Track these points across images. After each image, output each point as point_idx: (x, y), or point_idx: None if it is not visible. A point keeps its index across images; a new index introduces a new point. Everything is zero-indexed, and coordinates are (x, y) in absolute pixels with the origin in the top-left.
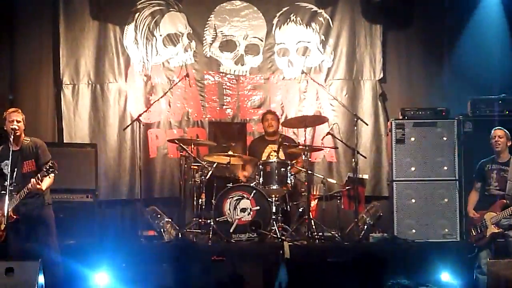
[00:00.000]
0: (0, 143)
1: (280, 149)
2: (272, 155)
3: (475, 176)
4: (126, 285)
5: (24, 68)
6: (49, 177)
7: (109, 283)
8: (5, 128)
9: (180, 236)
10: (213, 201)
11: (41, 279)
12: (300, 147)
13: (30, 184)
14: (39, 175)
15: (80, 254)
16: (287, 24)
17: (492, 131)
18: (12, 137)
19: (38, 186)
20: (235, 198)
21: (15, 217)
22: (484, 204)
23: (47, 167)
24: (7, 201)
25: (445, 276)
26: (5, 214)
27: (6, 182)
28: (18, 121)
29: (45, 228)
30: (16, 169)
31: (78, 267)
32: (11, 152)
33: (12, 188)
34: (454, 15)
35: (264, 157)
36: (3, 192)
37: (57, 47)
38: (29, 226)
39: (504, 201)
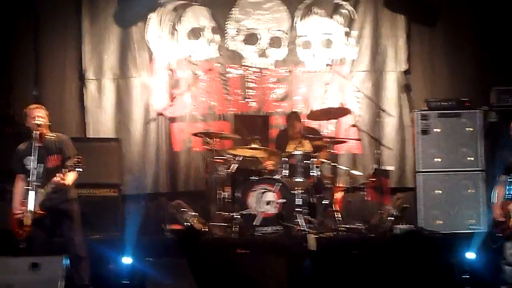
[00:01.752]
0: (23, 140)
1: (305, 142)
2: (298, 148)
3: (498, 169)
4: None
5: (48, 64)
6: (75, 172)
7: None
8: (27, 125)
9: (205, 229)
10: (237, 194)
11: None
12: (325, 139)
13: (55, 179)
14: (64, 169)
15: (105, 248)
16: (310, 16)
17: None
18: (35, 133)
19: (63, 182)
20: (259, 191)
21: (41, 212)
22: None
23: (74, 162)
24: (32, 197)
25: (470, 254)
26: (31, 210)
27: (29, 178)
28: (40, 117)
29: (70, 223)
30: (40, 165)
31: (103, 260)
32: (34, 148)
33: (37, 184)
34: (479, 4)
35: (289, 147)
36: (27, 187)
37: (80, 42)
38: (54, 221)
39: None
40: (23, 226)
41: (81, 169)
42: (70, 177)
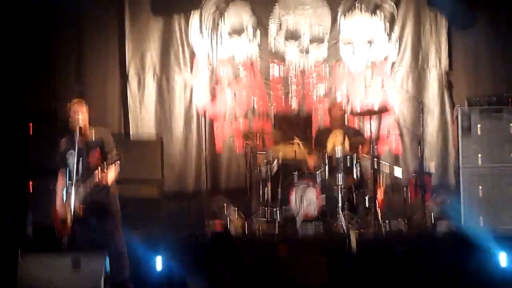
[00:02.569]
0: (66, 135)
1: (346, 139)
2: (337, 142)
3: None
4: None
5: (91, 62)
6: (115, 167)
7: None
8: (69, 119)
9: (246, 225)
10: (279, 191)
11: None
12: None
13: (96, 175)
14: (104, 164)
15: (146, 245)
16: (352, 12)
17: None
18: (77, 130)
19: (104, 177)
20: (301, 188)
21: (81, 208)
22: None
23: (112, 156)
24: (74, 193)
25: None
26: (73, 206)
27: (72, 174)
28: (82, 112)
29: (111, 219)
30: (82, 160)
31: (143, 256)
32: (76, 143)
33: (79, 179)
34: None
35: (329, 144)
36: (69, 184)
37: (122, 40)
38: (95, 217)
39: None
40: (65, 222)
41: (119, 163)
42: (110, 174)
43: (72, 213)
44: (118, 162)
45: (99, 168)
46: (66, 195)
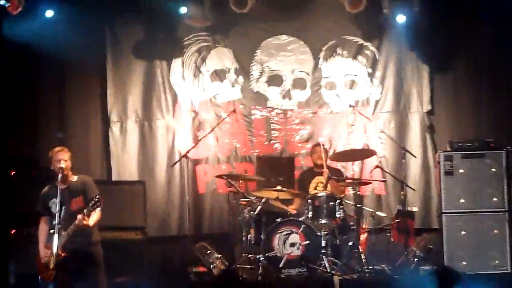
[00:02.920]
0: (48, 183)
1: (328, 182)
2: (319, 187)
3: None
4: None
5: (72, 107)
6: (96, 213)
7: None
8: (52, 168)
9: (229, 271)
10: (262, 236)
11: None
12: (349, 180)
13: (76, 221)
14: (85, 210)
15: None
16: (334, 57)
17: None
18: (60, 176)
19: (84, 222)
20: (284, 233)
21: (63, 255)
22: None
23: (93, 202)
24: (56, 240)
25: None
26: (55, 253)
27: (54, 221)
28: (64, 160)
29: (94, 266)
30: (64, 207)
31: None
32: (58, 190)
33: (60, 226)
34: (501, 44)
35: (311, 189)
36: (52, 231)
37: (104, 85)
38: (78, 264)
39: None
40: (49, 269)
41: (99, 209)
42: (92, 219)
43: (55, 259)
44: (98, 209)
45: (81, 213)
46: (48, 242)
